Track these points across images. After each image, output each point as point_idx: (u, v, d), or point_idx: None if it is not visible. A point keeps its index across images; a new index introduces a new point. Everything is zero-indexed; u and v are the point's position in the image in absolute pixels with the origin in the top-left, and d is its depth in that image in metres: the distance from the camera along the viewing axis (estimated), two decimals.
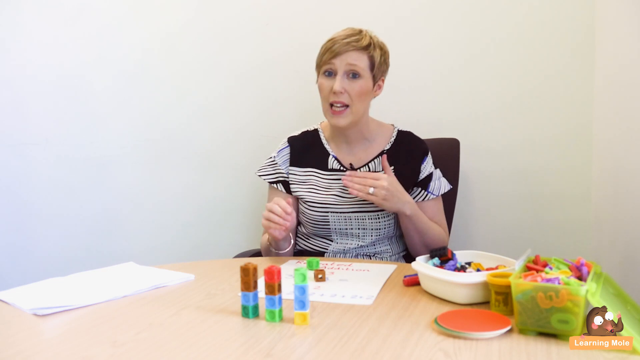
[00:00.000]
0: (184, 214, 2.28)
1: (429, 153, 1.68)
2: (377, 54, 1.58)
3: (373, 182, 1.48)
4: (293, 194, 1.67)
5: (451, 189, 1.71)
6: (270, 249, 1.59)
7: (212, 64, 2.21)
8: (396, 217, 1.61)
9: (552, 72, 1.94)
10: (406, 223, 1.57)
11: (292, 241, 1.61)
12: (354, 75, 1.56)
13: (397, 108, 2.03)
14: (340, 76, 1.55)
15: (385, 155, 1.57)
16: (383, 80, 1.65)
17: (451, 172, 1.85)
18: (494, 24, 1.97)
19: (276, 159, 1.70)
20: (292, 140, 1.72)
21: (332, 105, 1.57)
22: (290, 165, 1.69)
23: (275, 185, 1.69)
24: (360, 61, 1.55)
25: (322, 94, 1.59)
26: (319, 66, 1.60)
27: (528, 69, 1.96)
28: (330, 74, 1.57)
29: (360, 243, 1.62)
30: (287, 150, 1.71)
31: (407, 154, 1.65)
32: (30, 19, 2.25)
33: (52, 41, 2.25)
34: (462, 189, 1.95)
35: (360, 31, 1.58)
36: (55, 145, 2.29)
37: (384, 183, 1.48)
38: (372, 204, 1.56)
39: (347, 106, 1.56)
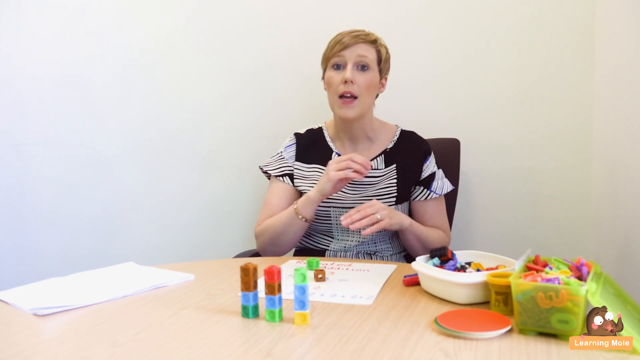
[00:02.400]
0: (184, 214, 2.28)
1: (432, 153, 1.68)
2: (383, 50, 1.63)
3: (372, 209, 1.45)
4: (297, 188, 1.68)
5: (453, 189, 1.71)
6: (300, 219, 1.55)
7: (213, 63, 2.21)
8: None
9: (552, 72, 1.94)
10: (407, 234, 1.57)
11: None
12: (363, 67, 1.58)
13: (398, 108, 2.03)
14: (350, 67, 1.57)
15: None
16: (386, 79, 1.68)
17: (452, 172, 1.85)
18: (494, 23, 1.98)
19: (283, 154, 1.72)
20: (298, 137, 1.73)
21: (341, 96, 1.58)
22: (296, 160, 1.70)
23: (281, 177, 1.69)
24: (369, 53, 1.59)
25: (330, 87, 1.61)
26: (327, 59, 1.62)
27: (528, 69, 1.96)
28: (339, 67, 1.59)
29: (361, 239, 1.62)
30: (294, 146, 1.72)
31: (409, 154, 1.66)
32: (30, 19, 2.26)
33: (53, 41, 2.26)
34: (462, 189, 1.95)
35: (365, 30, 1.62)
36: (55, 145, 2.29)
37: (380, 205, 1.47)
38: None
39: (355, 98, 1.57)
